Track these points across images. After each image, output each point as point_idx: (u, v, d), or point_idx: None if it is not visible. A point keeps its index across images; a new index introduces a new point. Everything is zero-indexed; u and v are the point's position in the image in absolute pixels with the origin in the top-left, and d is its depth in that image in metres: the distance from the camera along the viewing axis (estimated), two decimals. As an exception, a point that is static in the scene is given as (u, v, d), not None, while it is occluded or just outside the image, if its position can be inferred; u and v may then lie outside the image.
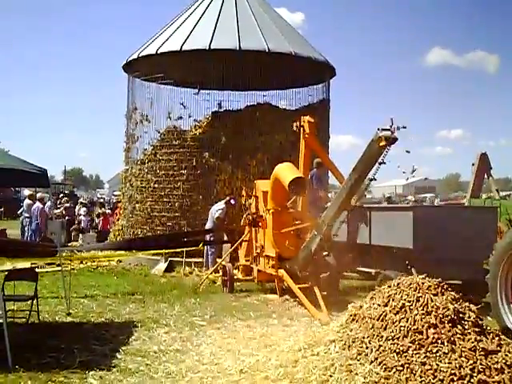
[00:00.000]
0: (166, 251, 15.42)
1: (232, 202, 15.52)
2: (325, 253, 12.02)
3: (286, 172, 11.40)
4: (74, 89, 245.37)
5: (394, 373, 5.48)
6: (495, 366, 5.52)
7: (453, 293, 6.40)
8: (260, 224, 12.62)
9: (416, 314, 5.97)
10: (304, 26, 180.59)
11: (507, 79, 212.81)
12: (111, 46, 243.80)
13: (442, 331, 5.77)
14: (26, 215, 20.94)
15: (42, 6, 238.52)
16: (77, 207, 27.52)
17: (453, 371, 5.39)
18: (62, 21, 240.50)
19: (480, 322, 6.14)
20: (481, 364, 5.50)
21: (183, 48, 17.34)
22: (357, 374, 5.59)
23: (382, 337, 5.90)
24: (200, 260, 15.51)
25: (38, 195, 21.12)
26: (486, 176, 15.31)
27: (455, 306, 6.11)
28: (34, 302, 9.18)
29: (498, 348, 5.82)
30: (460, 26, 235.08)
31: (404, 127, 9.04)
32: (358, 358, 5.79)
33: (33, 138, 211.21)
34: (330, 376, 5.72)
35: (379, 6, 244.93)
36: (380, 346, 5.79)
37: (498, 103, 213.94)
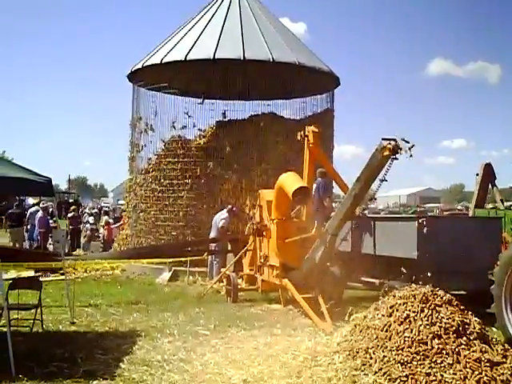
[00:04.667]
0: (170, 260, 15.41)
1: (235, 210, 15.54)
2: (329, 263, 12.01)
3: (290, 182, 11.40)
4: (79, 96, 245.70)
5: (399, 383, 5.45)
6: (501, 377, 5.50)
7: (457, 303, 6.38)
8: (264, 233, 12.61)
9: (420, 325, 5.95)
10: (306, 36, 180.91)
11: (509, 89, 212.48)
12: (116, 56, 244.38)
13: (447, 342, 5.75)
14: (32, 223, 21.01)
15: (47, 10, 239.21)
16: (86, 216, 27.53)
17: (458, 382, 5.37)
18: (68, 25, 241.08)
19: (485, 333, 6.12)
20: (486, 375, 5.47)
21: (188, 58, 17.43)
22: (361, 384, 5.57)
23: (386, 347, 5.88)
24: (204, 269, 15.51)
25: (42, 204, 21.19)
26: (490, 186, 15.29)
27: (460, 316, 6.09)
28: (38, 310, 9.18)
29: (504, 359, 5.80)
30: (461, 36, 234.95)
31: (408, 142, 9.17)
32: (362, 368, 5.77)
33: (35, 145, 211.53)
34: (334, 387, 5.70)
35: (381, 18, 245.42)
36: (384, 356, 5.77)
37: (501, 113, 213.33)
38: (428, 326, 5.93)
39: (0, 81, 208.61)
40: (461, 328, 5.93)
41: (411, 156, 9.18)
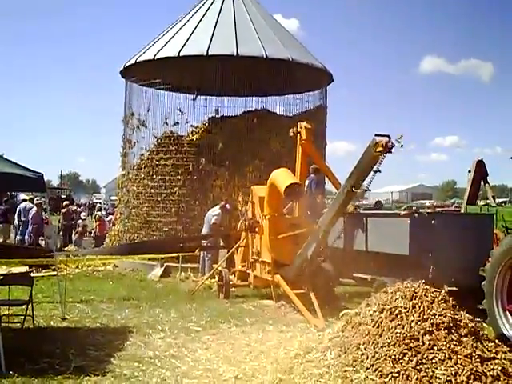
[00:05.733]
0: (162, 256, 15.38)
1: (227, 206, 15.55)
2: (321, 259, 12.02)
3: (282, 178, 11.40)
4: (72, 92, 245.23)
5: (390, 379, 5.46)
6: (491, 373, 5.52)
7: (449, 299, 6.39)
8: (256, 230, 12.60)
9: (412, 321, 5.96)
10: (299, 33, 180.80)
11: (501, 87, 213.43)
12: (109, 50, 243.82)
13: (438, 338, 5.76)
14: (23, 219, 20.92)
15: (42, 9, 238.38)
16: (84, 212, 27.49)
17: (449, 378, 5.38)
18: (61, 23, 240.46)
19: (476, 329, 6.14)
20: (477, 371, 5.48)
21: (181, 54, 17.38)
22: (352, 380, 5.57)
23: (377, 343, 5.88)
24: (196, 265, 15.50)
25: (37, 200, 21.11)
26: (482, 183, 15.29)
27: (451, 312, 6.10)
28: (29, 306, 9.13)
29: (494, 355, 5.81)
30: (453, 34, 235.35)
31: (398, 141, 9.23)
32: (354, 364, 5.77)
33: (28, 142, 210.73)
34: (326, 383, 5.70)
35: (373, 15, 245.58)
36: (376, 352, 5.77)
37: (493, 111, 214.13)
38: (419, 322, 5.93)
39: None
40: (452, 324, 5.94)
41: (401, 146, 9.28)
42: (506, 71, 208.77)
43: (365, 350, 5.89)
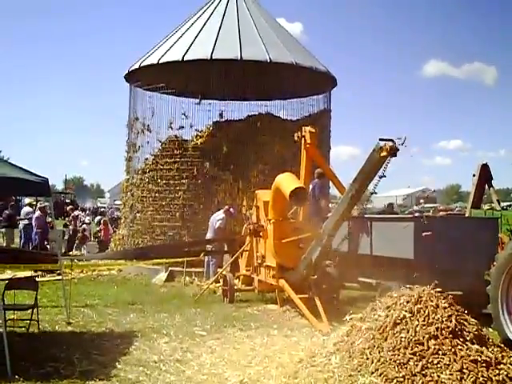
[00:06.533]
0: (167, 261, 15.40)
1: (231, 210, 15.54)
2: (326, 263, 12.01)
3: (286, 182, 11.40)
4: (76, 96, 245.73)
5: (395, 384, 5.45)
6: (497, 378, 5.49)
7: (454, 304, 6.37)
8: (261, 234, 12.60)
9: (417, 325, 5.94)
10: (302, 37, 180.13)
11: (505, 91, 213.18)
12: (113, 52, 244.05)
13: (443, 342, 5.74)
14: (26, 222, 21.00)
15: (44, 10, 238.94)
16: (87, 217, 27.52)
17: (454, 383, 5.36)
18: (65, 26, 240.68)
19: (481, 334, 6.12)
20: (482, 376, 5.46)
21: (185, 58, 17.43)
22: (357, 385, 5.57)
23: (382, 348, 5.86)
24: (200, 270, 15.49)
25: (40, 204, 21.17)
26: (486, 187, 15.27)
27: (456, 317, 6.08)
28: (34, 311, 9.17)
29: (500, 360, 5.79)
30: (457, 38, 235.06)
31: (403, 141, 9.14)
32: (359, 369, 5.75)
33: (32, 145, 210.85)
34: (331, 387, 5.69)
35: (377, 19, 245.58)
36: (381, 357, 5.75)
37: (497, 114, 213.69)
38: (424, 327, 5.92)
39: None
40: (457, 329, 5.93)
41: (403, 144, 9.20)
42: (509, 75, 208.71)
43: (370, 354, 5.87)
